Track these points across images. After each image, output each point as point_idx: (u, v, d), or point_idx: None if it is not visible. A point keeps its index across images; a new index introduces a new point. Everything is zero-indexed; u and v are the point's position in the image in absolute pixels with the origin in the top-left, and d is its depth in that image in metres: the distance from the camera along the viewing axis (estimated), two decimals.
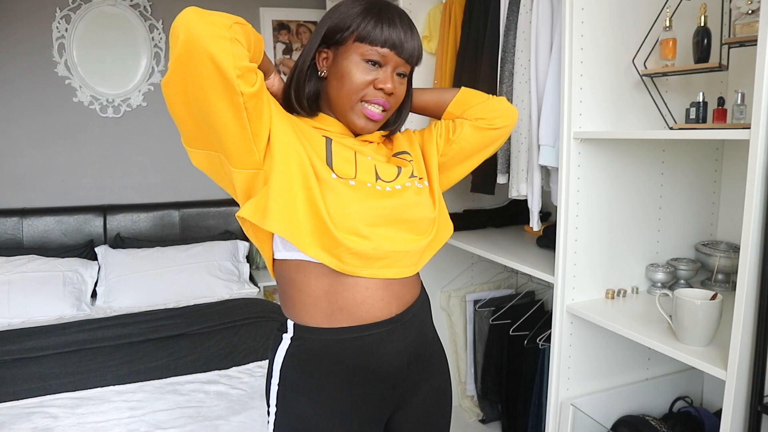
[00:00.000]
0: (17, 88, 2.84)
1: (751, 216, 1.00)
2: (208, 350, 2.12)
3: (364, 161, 1.00)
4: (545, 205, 1.77)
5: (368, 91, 0.97)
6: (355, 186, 0.95)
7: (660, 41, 1.34)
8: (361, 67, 0.96)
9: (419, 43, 1.00)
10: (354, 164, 0.98)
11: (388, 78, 0.97)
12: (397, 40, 0.95)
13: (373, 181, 0.98)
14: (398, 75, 0.99)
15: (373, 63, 0.96)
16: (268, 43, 3.20)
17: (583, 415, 1.47)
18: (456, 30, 2.01)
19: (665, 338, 1.21)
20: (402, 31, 0.96)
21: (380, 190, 0.97)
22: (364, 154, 1.02)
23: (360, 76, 0.96)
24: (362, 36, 0.95)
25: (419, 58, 1.01)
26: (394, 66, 0.98)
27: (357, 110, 0.98)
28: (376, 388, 0.99)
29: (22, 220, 2.80)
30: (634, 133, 1.32)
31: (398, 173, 1.03)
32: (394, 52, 0.96)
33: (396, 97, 1.00)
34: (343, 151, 0.99)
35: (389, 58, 0.96)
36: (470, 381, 2.36)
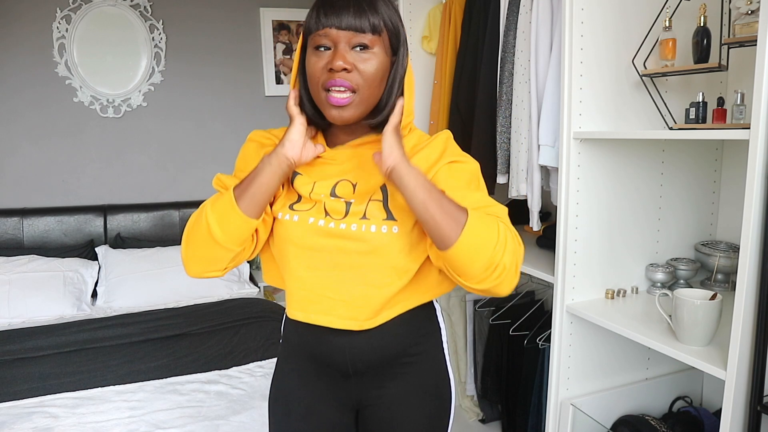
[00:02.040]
0: (18, 88, 2.84)
1: (751, 216, 1.00)
2: (208, 350, 2.12)
3: (317, 195, 0.97)
4: (545, 205, 1.77)
5: (324, 77, 0.92)
6: (297, 222, 0.97)
7: (660, 41, 1.34)
8: (312, 58, 0.93)
9: (376, 12, 0.92)
10: (308, 196, 0.98)
11: (338, 55, 0.90)
12: (334, 14, 0.90)
13: (319, 216, 0.97)
14: (359, 49, 0.91)
15: (323, 48, 0.92)
16: (268, 43, 3.21)
17: (583, 414, 1.47)
18: (456, 30, 2.01)
19: (665, 338, 1.21)
20: (341, 6, 0.90)
21: (322, 227, 0.96)
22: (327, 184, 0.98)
23: (313, 66, 0.93)
24: (308, 28, 0.94)
25: (377, 26, 0.92)
26: (345, 41, 0.91)
27: (324, 101, 0.93)
28: (326, 372, 1.06)
29: (22, 220, 2.80)
30: (633, 133, 1.32)
31: (346, 211, 0.96)
32: (334, 27, 0.90)
33: (361, 73, 0.91)
34: (303, 183, 0.99)
35: (334, 36, 0.90)
36: (470, 381, 2.37)
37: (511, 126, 1.68)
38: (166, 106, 3.09)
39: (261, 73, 3.23)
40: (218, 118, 3.19)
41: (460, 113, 1.93)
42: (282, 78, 3.26)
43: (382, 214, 0.96)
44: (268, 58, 3.22)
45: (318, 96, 0.94)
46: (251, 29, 3.19)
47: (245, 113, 3.23)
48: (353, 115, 0.94)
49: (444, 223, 0.86)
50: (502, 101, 1.69)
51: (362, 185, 0.97)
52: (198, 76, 3.12)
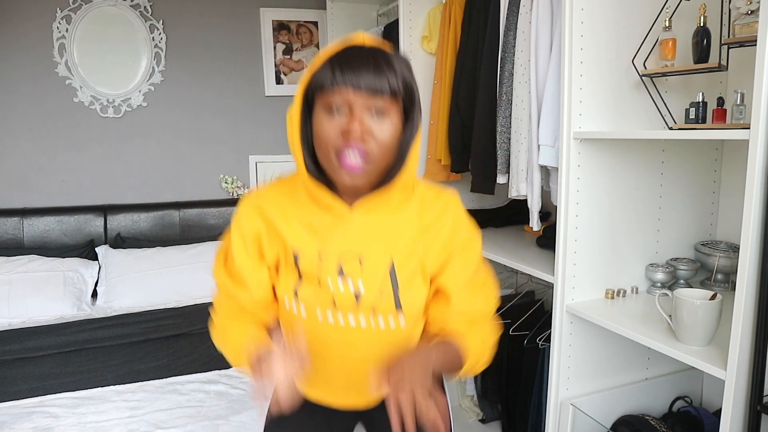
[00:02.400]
0: (18, 88, 2.84)
1: (751, 216, 1.00)
2: (208, 350, 2.12)
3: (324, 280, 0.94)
4: (545, 205, 1.77)
5: (338, 142, 0.85)
6: (305, 318, 0.97)
7: (660, 41, 1.34)
8: (325, 120, 0.86)
9: (395, 74, 0.86)
10: (316, 283, 0.95)
11: (354, 118, 0.84)
12: (352, 75, 0.84)
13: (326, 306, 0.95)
14: (375, 114, 0.86)
15: (339, 110, 0.85)
16: (269, 43, 3.21)
17: (583, 414, 1.47)
18: (456, 30, 2.01)
19: (665, 338, 1.21)
20: (360, 65, 0.84)
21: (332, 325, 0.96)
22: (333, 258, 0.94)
23: (325, 128, 0.86)
24: (319, 85, 0.86)
25: (396, 89, 0.86)
26: (362, 104, 0.85)
27: (335, 164, 0.87)
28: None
29: (22, 220, 2.80)
30: (633, 133, 1.32)
31: (356, 303, 0.94)
32: (351, 87, 0.84)
33: (376, 140, 0.86)
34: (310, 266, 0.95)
35: (350, 97, 0.84)
36: (470, 381, 2.36)
37: (511, 126, 1.68)
38: (166, 106, 3.09)
39: (261, 73, 3.23)
40: (218, 118, 3.19)
41: (460, 113, 1.93)
42: (282, 78, 3.26)
43: (391, 304, 0.95)
44: (268, 58, 3.22)
45: (328, 159, 0.88)
46: (251, 29, 3.19)
47: (245, 113, 3.22)
48: (365, 182, 0.90)
49: (452, 370, 0.98)
50: (502, 101, 1.69)
51: (369, 260, 0.94)
52: (198, 76, 3.12)
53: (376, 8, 2.98)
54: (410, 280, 0.96)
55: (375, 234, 0.95)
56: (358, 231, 0.94)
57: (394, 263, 0.95)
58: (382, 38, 2.61)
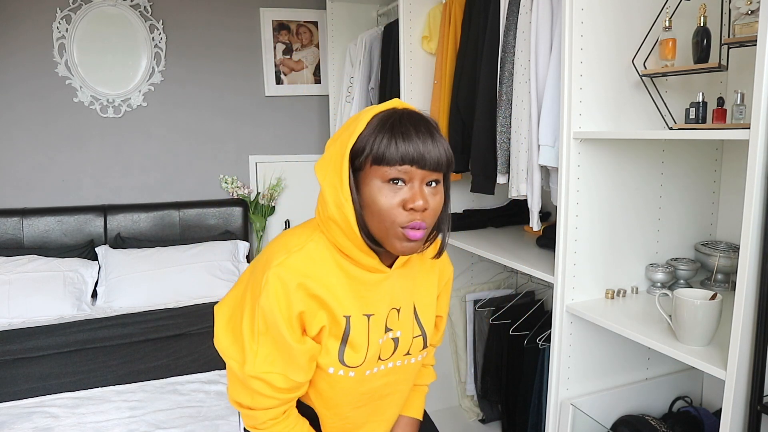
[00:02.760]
0: (18, 88, 2.84)
1: (751, 216, 1.00)
2: (208, 350, 2.12)
3: (375, 341, 0.98)
4: (545, 205, 1.77)
5: (399, 216, 0.88)
6: (353, 378, 0.99)
7: (660, 41, 1.34)
8: (384, 191, 0.88)
9: (445, 148, 0.90)
10: (366, 347, 0.97)
11: (417, 195, 0.87)
12: (416, 152, 0.86)
13: (374, 364, 1.01)
14: (428, 186, 0.90)
15: (396, 181, 0.88)
16: (269, 43, 3.21)
17: (583, 414, 1.47)
18: (456, 30, 2.01)
19: (665, 338, 1.21)
20: (420, 141, 0.86)
21: (376, 374, 1.02)
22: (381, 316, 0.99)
23: (386, 202, 0.87)
24: (377, 158, 0.87)
25: (450, 163, 0.91)
26: (422, 179, 0.88)
27: (398, 235, 0.89)
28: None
29: (22, 220, 2.80)
30: (633, 133, 1.32)
31: (394, 349, 1.03)
32: (415, 166, 0.87)
33: (432, 210, 0.90)
34: (359, 329, 0.96)
35: (412, 174, 0.87)
36: (470, 381, 2.37)
37: (511, 126, 1.68)
38: (166, 106, 3.09)
39: (261, 73, 3.23)
40: (218, 118, 3.19)
41: (460, 113, 1.93)
42: (282, 78, 3.26)
43: (421, 346, 1.06)
44: (268, 58, 3.22)
45: (389, 230, 0.89)
46: (251, 29, 3.19)
47: (245, 113, 3.23)
48: (420, 248, 0.94)
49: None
50: (502, 101, 1.69)
51: (404, 310, 1.03)
52: (198, 76, 3.12)
53: (376, 8, 2.98)
54: (429, 318, 1.08)
55: (404, 287, 1.03)
56: (397, 288, 1.02)
57: (416, 307, 1.05)
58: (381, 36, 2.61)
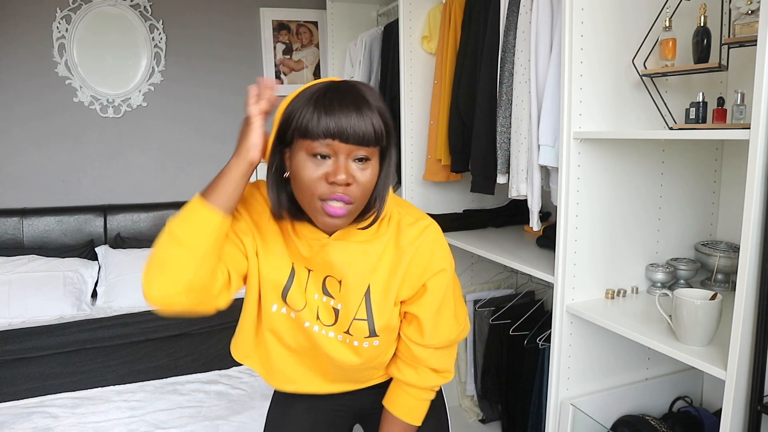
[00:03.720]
0: (17, 88, 2.84)
1: (751, 216, 1.00)
2: (208, 350, 2.12)
3: (311, 295, 1.00)
4: (545, 205, 1.77)
5: (322, 188, 0.87)
6: (293, 319, 1.01)
7: (660, 41, 1.34)
8: (308, 164, 0.87)
9: (374, 121, 0.87)
10: (303, 297, 1.00)
11: (340, 168, 0.85)
12: (338, 127, 0.84)
13: (313, 319, 1.00)
14: (357, 161, 0.87)
15: (322, 156, 0.86)
16: (268, 43, 3.21)
17: (583, 415, 1.47)
18: (456, 30, 2.01)
19: (665, 338, 1.21)
20: (344, 115, 0.84)
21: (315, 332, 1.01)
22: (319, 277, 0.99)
23: (309, 174, 0.87)
24: (302, 131, 0.86)
25: (381, 137, 0.88)
26: (347, 153, 0.86)
27: (317, 209, 0.88)
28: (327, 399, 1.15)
29: (22, 220, 2.80)
30: (634, 133, 1.32)
31: (335, 320, 1.00)
32: (338, 140, 0.84)
33: (359, 185, 0.88)
34: (300, 280, 0.99)
35: (336, 148, 0.85)
36: (470, 381, 2.36)
37: (511, 126, 1.68)
38: (166, 106, 3.09)
39: (261, 73, 3.23)
40: (218, 118, 3.19)
41: (460, 113, 1.93)
42: (282, 78, 3.26)
43: (365, 332, 1.00)
44: (268, 58, 3.22)
45: (311, 203, 0.89)
46: (251, 29, 3.19)
47: (245, 113, 3.22)
48: (345, 224, 0.92)
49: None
50: (502, 101, 1.69)
51: (347, 284, 0.98)
52: (198, 76, 3.12)
53: (376, 8, 2.98)
54: (384, 305, 1.00)
55: (353, 260, 0.98)
56: (339, 257, 0.97)
57: (371, 289, 0.99)
58: (381, 36, 2.61)
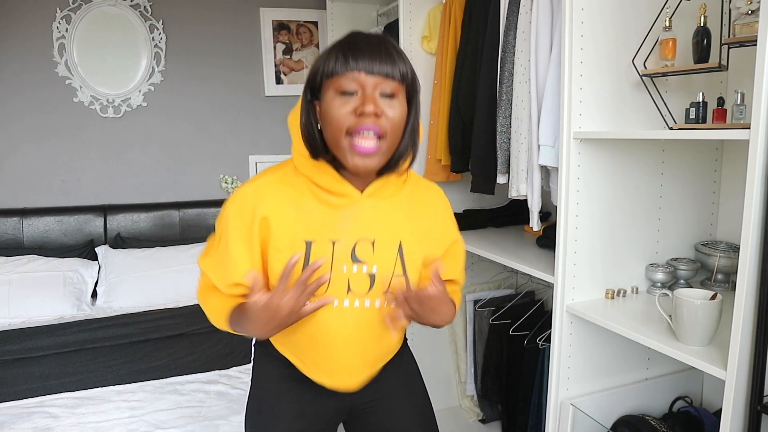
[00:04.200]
0: (17, 88, 2.84)
1: (751, 216, 1.00)
2: (208, 350, 2.12)
3: (339, 268, 0.96)
4: (545, 205, 1.77)
5: (350, 121, 0.89)
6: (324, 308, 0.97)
7: (660, 41, 1.34)
8: (336, 101, 0.89)
9: (403, 62, 0.92)
10: (328, 274, 0.96)
11: (368, 99, 0.88)
12: (364, 59, 0.88)
13: (343, 295, 0.98)
14: (384, 96, 0.90)
15: (350, 93, 0.89)
16: (269, 43, 3.21)
17: (583, 415, 1.47)
18: (456, 30, 2.01)
19: (665, 338, 1.21)
20: (371, 52, 0.89)
21: (348, 309, 0.98)
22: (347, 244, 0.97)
23: (337, 111, 0.89)
24: (330, 71, 0.90)
25: (405, 75, 0.92)
26: (374, 86, 0.89)
27: (347, 148, 0.90)
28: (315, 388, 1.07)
29: (22, 220, 2.80)
30: (634, 133, 1.32)
31: (371, 286, 0.98)
32: (364, 72, 0.88)
33: (389, 119, 0.90)
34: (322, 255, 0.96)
35: (363, 81, 0.88)
36: (470, 381, 2.36)
37: (511, 126, 1.68)
38: (166, 106, 3.09)
39: (261, 73, 3.23)
40: (218, 118, 3.19)
41: (460, 113, 1.93)
42: (282, 78, 3.26)
43: (403, 287, 0.99)
44: (268, 58, 3.22)
45: (339, 142, 0.91)
46: (251, 29, 3.19)
47: (245, 113, 3.22)
48: (378, 163, 0.93)
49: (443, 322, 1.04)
50: (502, 101, 1.69)
51: (381, 244, 0.98)
52: (198, 76, 3.12)
53: (376, 8, 2.98)
54: (416, 261, 1.02)
55: (384, 218, 0.99)
56: (369, 216, 0.98)
57: (402, 246, 1.00)
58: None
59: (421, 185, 1.09)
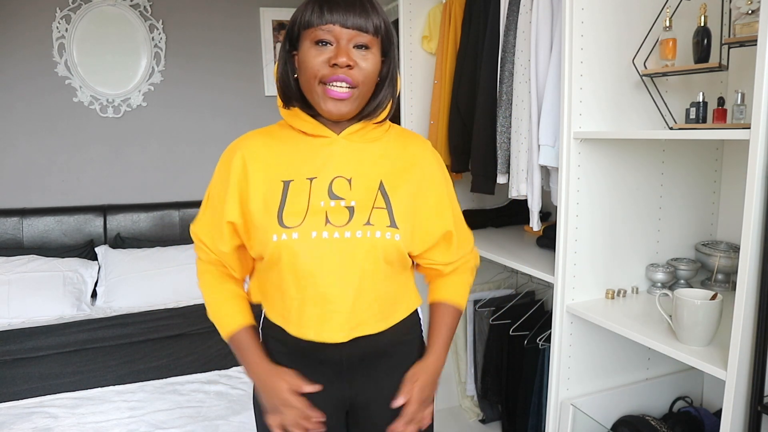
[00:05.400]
0: (17, 88, 2.84)
1: (751, 216, 1.00)
2: (208, 350, 2.12)
3: (316, 203, 0.98)
4: (545, 205, 1.77)
5: (324, 71, 0.93)
6: (298, 240, 0.96)
7: (660, 41, 1.34)
8: (312, 51, 0.94)
9: (378, 16, 0.95)
10: (306, 207, 0.98)
11: (341, 51, 0.92)
12: (340, 13, 0.92)
13: (321, 227, 0.97)
14: (358, 48, 0.94)
15: (324, 43, 0.93)
16: (268, 42, 3.21)
17: (583, 415, 1.47)
18: (456, 30, 2.01)
19: (665, 338, 1.21)
20: (345, 5, 0.93)
21: (327, 239, 0.97)
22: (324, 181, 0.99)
23: (312, 60, 0.94)
24: (306, 23, 0.94)
25: (379, 28, 0.95)
26: (348, 39, 0.93)
27: (321, 94, 0.95)
28: (319, 370, 1.06)
29: (22, 220, 2.80)
30: (634, 133, 1.32)
31: (350, 218, 0.98)
32: (338, 24, 0.92)
33: (361, 70, 0.95)
34: (299, 192, 0.98)
35: (337, 33, 0.93)
36: (470, 381, 2.36)
37: (511, 126, 1.68)
38: (166, 106, 3.09)
39: (261, 73, 3.23)
40: (218, 118, 3.19)
41: (460, 113, 1.93)
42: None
43: (386, 221, 0.99)
44: (268, 58, 3.22)
45: (313, 89, 0.96)
46: (251, 29, 3.19)
47: (245, 113, 3.23)
48: (350, 110, 0.98)
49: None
50: (502, 101, 1.69)
51: (358, 181, 1.01)
52: (198, 76, 3.12)
53: None
54: (402, 203, 1.01)
55: (362, 159, 1.03)
56: (346, 156, 1.02)
57: (384, 184, 1.02)
58: None
59: (407, 135, 1.11)
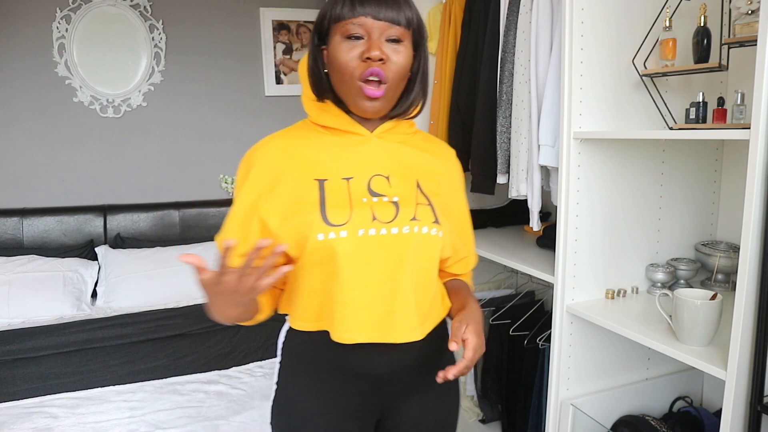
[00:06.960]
0: (17, 88, 2.84)
1: (751, 216, 1.00)
2: (208, 350, 2.12)
3: (358, 200, 0.94)
4: (545, 205, 1.77)
5: (358, 67, 0.91)
6: (346, 238, 0.91)
7: (660, 41, 1.34)
8: (343, 46, 0.92)
9: (409, 7, 0.94)
10: (349, 204, 0.94)
11: (374, 45, 0.90)
12: (371, 5, 0.90)
13: (368, 224, 0.93)
14: (390, 41, 0.92)
15: (356, 38, 0.91)
16: (268, 43, 3.21)
17: (583, 415, 1.47)
18: (456, 30, 2.01)
19: (665, 338, 1.21)
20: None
21: (374, 236, 0.93)
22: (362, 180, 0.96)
23: (344, 55, 0.92)
24: (336, 16, 0.92)
25: (411, 21, 0.94)
26: (380, 32, 0.91)
27: (356, 92, 0.93)
28: (354, 384, 1.01)
29: (22, 220, 2.80)
30: (634, 133, 1.32)
31: (396, 213, 0.95)
32: (370, 17, 0.90)
33: (393, 64, 0.92)
34: (338, 191, 0.95)
35: (369, 26, 0.91)
36: (470, 381, 2.36)
37: (511, 126, 1.68)
38: (166, 106, 3.09)
39: (261, 73, 3.23)
40: (218, 118, 3.19)
41: (460, 113, 1.93)
42: (282, 78, 3.26)
43: (431, 217, 0.98)
44: (268, 58, 3.22)
45: (350, 86, 0.93)
46: (251, 29, 3.19)
47: (245, 113, 3.22)
48: (385, 107, 0.96)
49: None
50: (502, 101, 1.69)
51: (396, 178, 0.99)
52: (198, 76, 3.12)
53: None
54: (439, 204, 1.01)
55: (398, 158, 1.01)
56: (381, 155, 1.00)
57: (420, 184, 1.00)
58: None
59: (433, 139, 1.12)
